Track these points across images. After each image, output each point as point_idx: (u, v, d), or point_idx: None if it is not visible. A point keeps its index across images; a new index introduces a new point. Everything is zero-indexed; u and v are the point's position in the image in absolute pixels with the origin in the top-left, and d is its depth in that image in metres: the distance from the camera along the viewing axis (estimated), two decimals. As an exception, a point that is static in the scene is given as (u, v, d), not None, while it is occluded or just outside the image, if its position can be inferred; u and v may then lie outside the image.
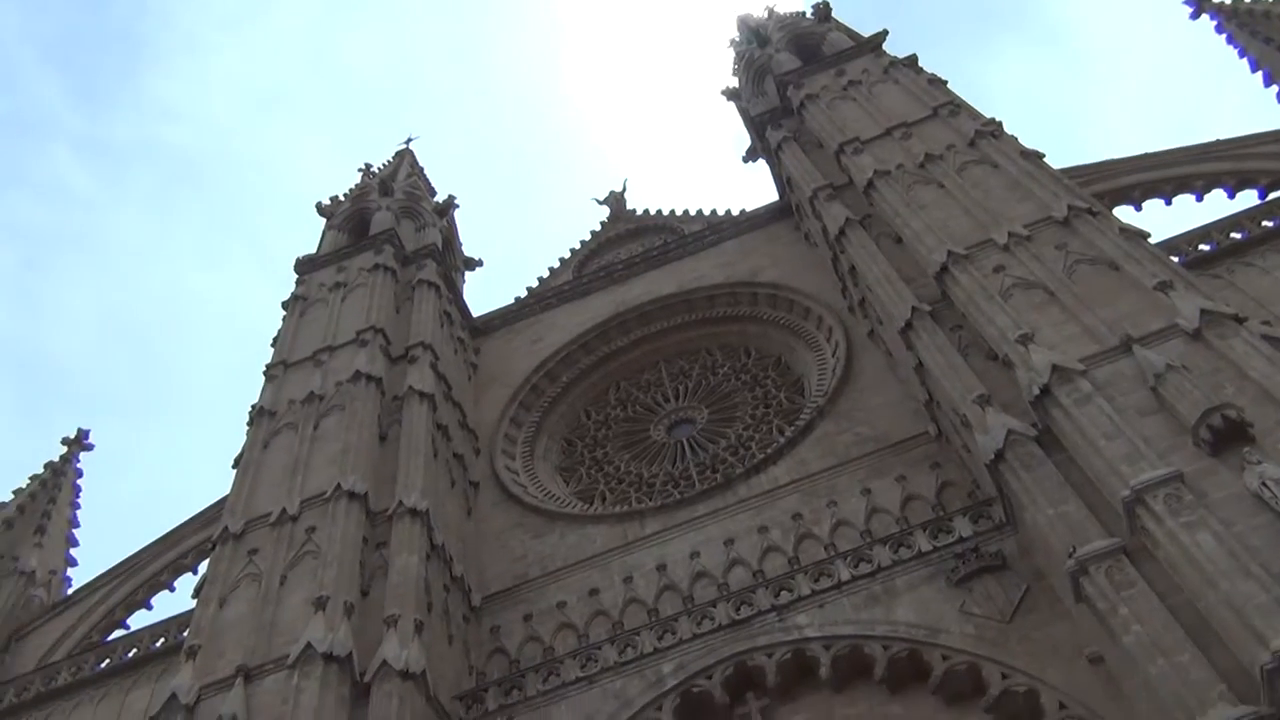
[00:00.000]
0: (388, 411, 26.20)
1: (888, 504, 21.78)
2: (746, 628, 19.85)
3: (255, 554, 21.94)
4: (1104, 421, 16.79)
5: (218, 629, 20.44)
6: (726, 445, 27.15)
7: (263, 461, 25.00)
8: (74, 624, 27.56)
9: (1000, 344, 19.68)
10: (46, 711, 24.35)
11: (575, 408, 30.92)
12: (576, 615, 22.33)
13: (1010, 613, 18.07)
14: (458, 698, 20.73)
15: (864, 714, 18.14)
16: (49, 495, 32.68)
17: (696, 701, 19.16)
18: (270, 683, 18.65)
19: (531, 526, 25.59)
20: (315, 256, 34.13)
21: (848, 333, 27.16)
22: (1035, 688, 16.77)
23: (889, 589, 19.48)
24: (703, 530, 23.17)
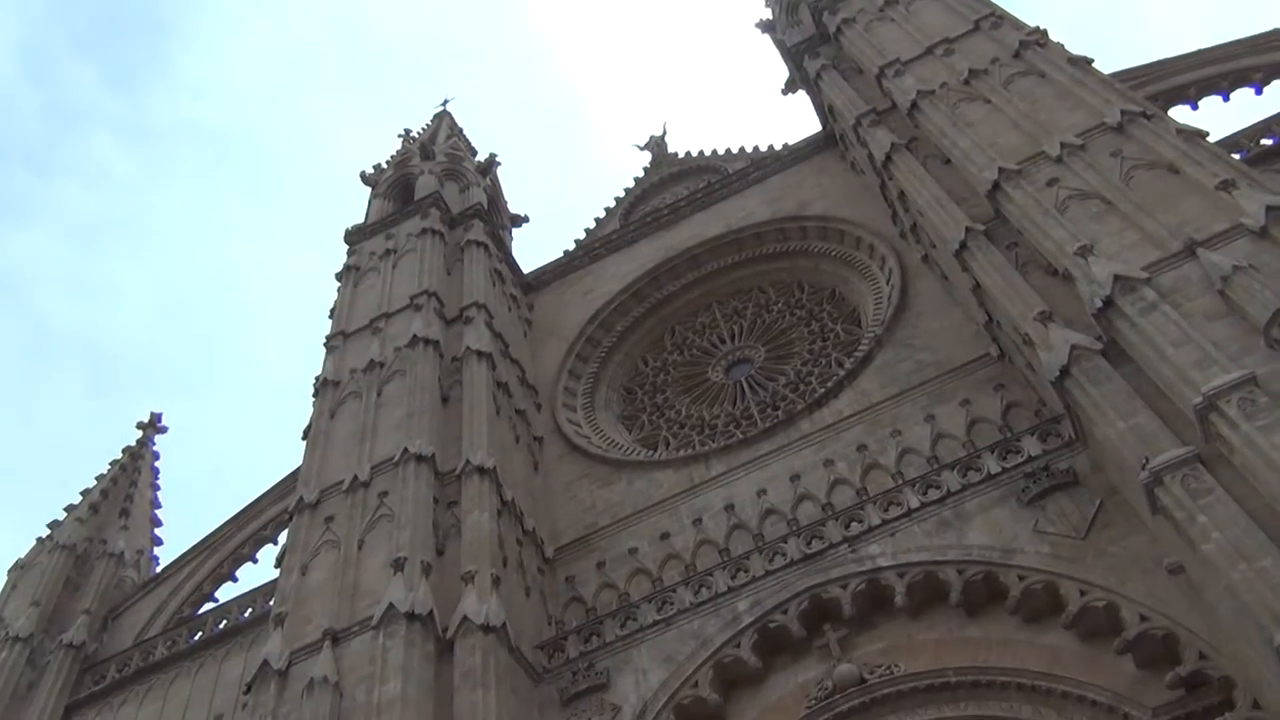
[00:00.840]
0: (447, 373, 26.49)
1: (953, 429, 21.61)
2: (819, 561, 19.93)
3: (332, 521, 22.44)
4: (1171, 329, 16.44)
5: (302, 596, 21.00)
6: (786, 382, 27.07)
7: (331, 431, 25.46)
8: (165, 600, 28.48)
9: (1059, 258, 19.29)
10: (148, 685, 25.28)
11: (632, 356, 30.99)
12: (649, 560, 22.57)
13: (1085, 529, 17.92)
14: (539, 647, 21.13)
15: (942, 638, 18.18)
16: (129, 479, 33.66)
17: (774, 636, 19.34)
18: (357, 644, 19.16)
19: (598, 476, 25.82)
20: (364, 226, 34.40)
21: (901, 259, 26.82)
22: (1115, 601, 16.66)
23: (960, 513, 19.41)
24: (768, 468, 23.21)
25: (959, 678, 17.40)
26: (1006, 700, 16.93)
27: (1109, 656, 16.37)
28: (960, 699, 17.31)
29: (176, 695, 24.55)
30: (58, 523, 31.22)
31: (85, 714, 25.36)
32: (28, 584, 28.88)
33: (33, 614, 27.32)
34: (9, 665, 25.93)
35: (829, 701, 17.93)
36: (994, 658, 17.44)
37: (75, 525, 30.56)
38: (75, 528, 30.42)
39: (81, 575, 29.43)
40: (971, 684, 17.29)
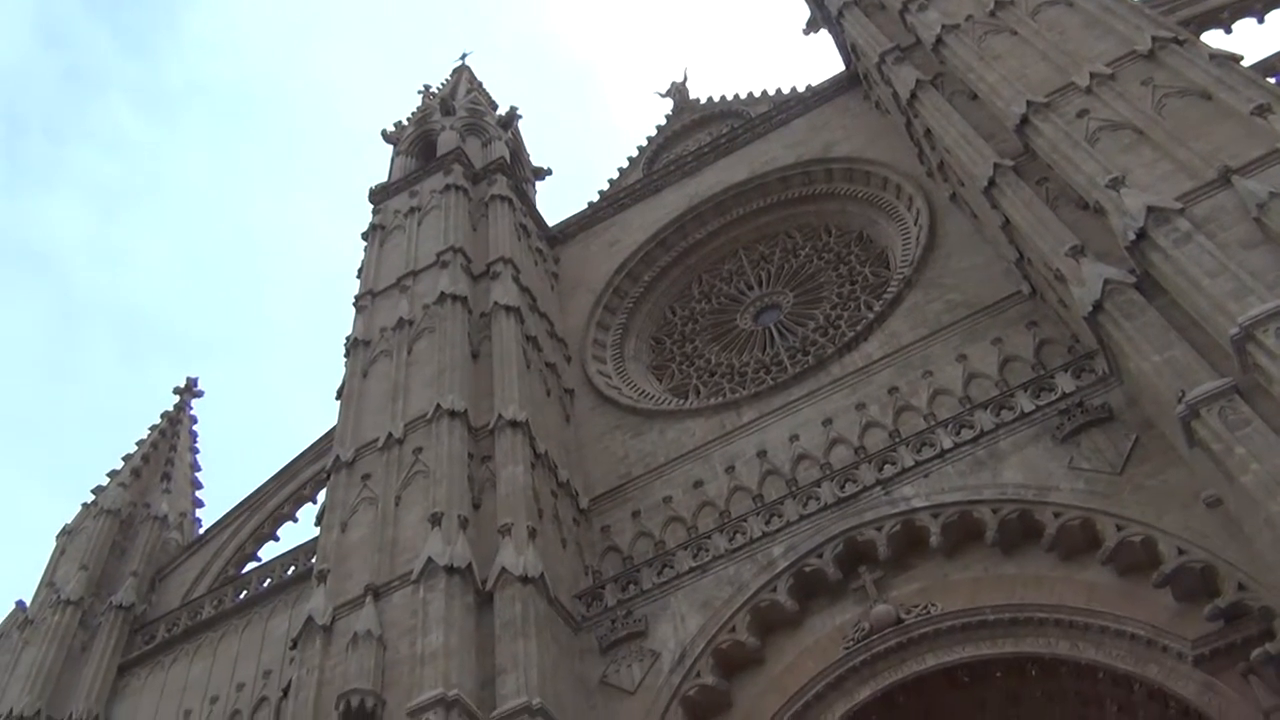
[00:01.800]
0: (476, 329, 26.58)
1: (985, 368, 21.47)
2: (853, 504, 19.97)
3: (368, 479, 22.70)
4: (1206, 259, 16.17)
5: (343, 553, 21.33)
6: (815, 326, 26.95)
7: (363, 390, 25.68)
8: (209, 560, 29.03)
9: (1090, 191, 18.97)
10: (197, 643, 25.86)
11: (660, 306, 30.94)
12: (683, 508, 22.70)
13: (1121, 464, 17.82)
14: (577, 597, 21.38)
15: (978, 576, 18.22)
16: (169, 443, 34.18)
17: (809, 580, 19.46)
18: (398, 598, 19.48)
19: (630, 426, 25.92)
20: (387, 184, 34.38)
21: (929, 199, 26.49)
22: (1152, 536, 16.60)
23: (994, 452, 19.34)
24: (799, 413, 23.20)
25: (996, 616, 17.46)
26: (1044, 636, 16.98)
27: (1147, 590, 16.34)
28: (997, 636, 17.38)
29: (225, 652, 25.11)
30: (101, 488, 31.81)
31: (138, 673, 26.00)
32: (75, 549, 29.52)
33: (82, 578, 27.95)
34: (62, 627, 26.59)
35: (866, 642, 18.06)
36: (1031, 595, 17.47)
37: (119, 490, 31.13)
38: (119, 493, 30.98)
39: (127, 539, 30.03)
40: (1009, 621, 17.34)
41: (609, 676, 19.75)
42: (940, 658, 17.64)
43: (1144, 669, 15.96)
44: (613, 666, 19.91)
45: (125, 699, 25.42)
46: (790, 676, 18.51)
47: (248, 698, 23.51)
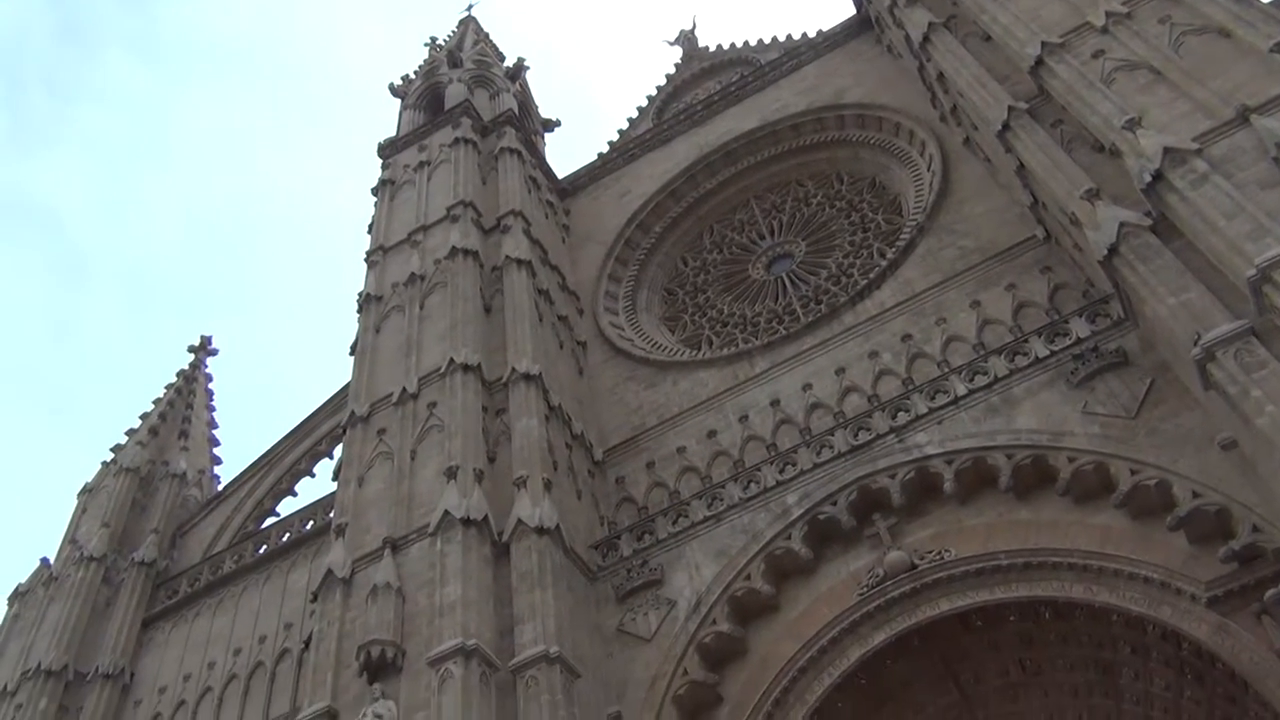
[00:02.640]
0: (488, 283, 26.55)
1: (999, 314, 21.37)
2: (867, 452, 20.01)
3: (384, 434, 22.82)
4: (1223, 200, 15.98)
5: (360, 507, 21.51)
6: (828, 275, 26.82)
7: (377, 346, 25.73)
8: (229, 516, 29.34)
9: (1106, 133, 18.73)
10: (218, 597, 26.23)
11: (671, 257, 30.82)
12: (697, 458, 22.78)
13: (1136, 408, 17.78)
14: (593, 547, 21.55)
15: (992, 522, 18.28)
16: (185, 401, 34.42)
17: (824, 527, 19.56)
18: (416, 550, 19.66)
19: (643, 378, 25.95)
20: (395, 139, 34.18)
21: (942, 144, 26.20)
22: (1166, 479, 16.59)
23: (1007, 398, 19.31)
24: (812, 362, 23.17)
25: (1010, 560, 17.54)
26: (1058, 580, 17.05)
27: (1161, 534, 16.37)
28: (1011, 581, 17.46)
29: (247, 606, 25.47)
30: (120, 447, 32.12)
31: (162, 627, 26.41)
32: (97, 507, 29.87)
33: (104, 535, 28.30)
34: (86, 583, 26.98)
35: (880, 588, 18.19)
36: (1044, 539, 17.53)
37: (137, 449, 31.41)
38: (137, 451, 31.27)
39: (147, 496, 30.36)
40: (1023, 566, 17.42)
41: (626, 624, 19.97)
42: (954, 602, 17.75)
43: (1157, 611, 16.03)
44: (629, 615, 20.11)
45: (150, 652, 25.86)
46: (805, 623, 18.67)
47: (270, 649, 23.87)
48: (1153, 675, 16.82)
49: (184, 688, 24.32)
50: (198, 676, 24.38)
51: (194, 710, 23.66)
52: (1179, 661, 16.34)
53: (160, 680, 24.91)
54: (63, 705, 24.45)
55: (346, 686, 18.06)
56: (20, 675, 25.10)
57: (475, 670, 16.88)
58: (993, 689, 18.15)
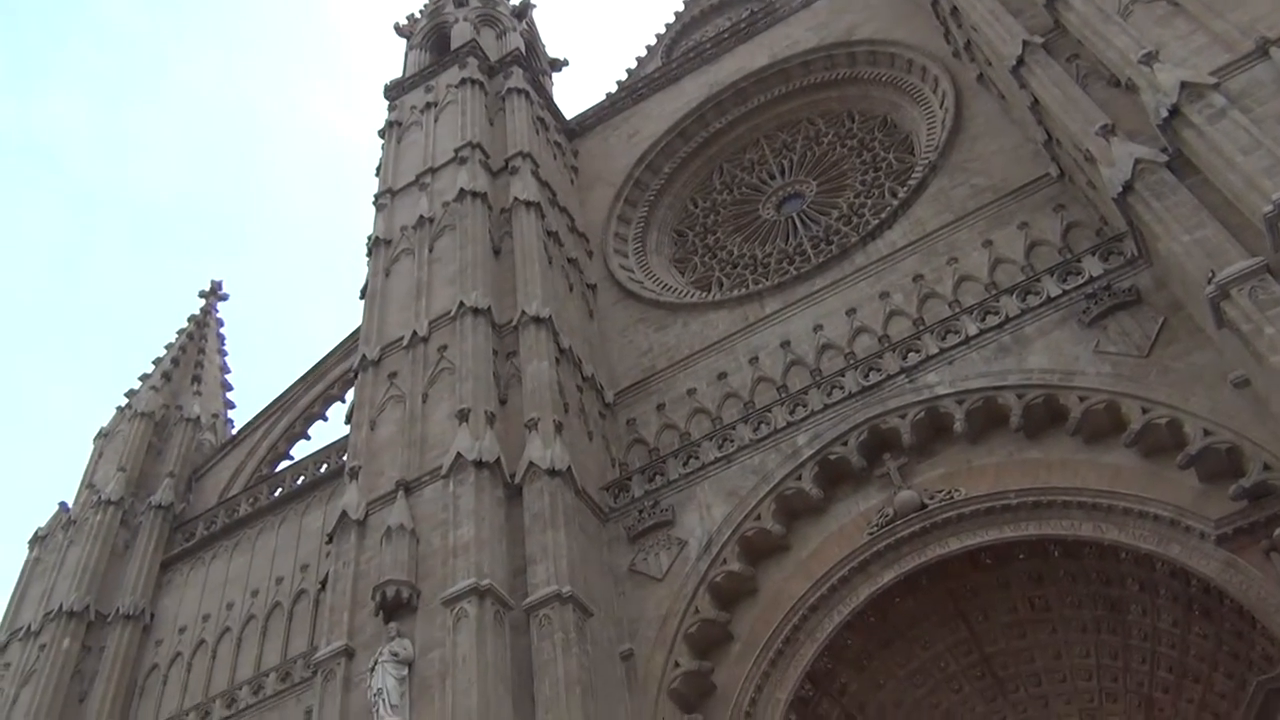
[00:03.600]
0: (497, 225, 26.44)
1: (1011, 253, 21.21)
2: (877, 392, 20.02)
3: (395, 377, 22.91)
4: (1241, 135, 15.73)
5: (373, 450, 21.66)
6: (839, 215, 26.63)
7: (386, 289, 25.72)
8: (243, 460, 29.61)
9: (1122, 67, 18.43)
10: (235, 540, 26.57)
11: (681, 198, 30.61)
12: (708, 400, 22.83)
13: (1148, 347, 17.70)
14: (604, 489, 21.71)
15: (1002, 461, 18.32)
16: (197, 346, 34.59)
17: (834, 467, 19.64)
18: (429, 493, 19.83)
19: (653, 320, 25.92)
20: (401, 80, 33.82)
21: (955, 80, 25.81)
22: (1178, 418, 16.57)
23: (1019, 338, 19.25)
24: (823, 303, 23.09)
25: (1020, 499, 17.61)
26: (1068, 519, 17.14)
27: (1171, 472, 16.40)
28: (1021, 519, 17.56)
29: (263, 548, 25.81)
30: (134, 391, 32.35)
31: (180, 569, 26.80)
32: (113, 451, 30.17)
33: (120, 479, 28.61)
34: (104, 526, 27.35)
35: (890, 528, 18.31)
36: (1055, 478, 17.58)
37: (151, 393, 31.62)
38: (151, 396, 31.48)
39: (162, 440, 30.64)
40: (1032, 504, 17.50)
41: (637, 564, 20.18)
42: (964, 541, 17.87)
43: (1166, 548, 16.11)
44: (641, 555, 20.31)
45: (169, 593, 26.28)
46: (815, 562, 18.83)
47: (287, 590, 24.24)
48: (1160, 611, 16.95)
49: (203, 628, 24.76)
50: (217, 617, 24.80)
51: (214, 649, 24.11)
52: (1187, 598, 16.46)
53: (180, 620, 25.35)
54: (85, 645, 24.94)
55: (363, 626, 18.34)
56: (43, 616, 25.57)
57: (489, 609, 17.12)
58: (1001, 626, 18.34)
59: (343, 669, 17.76)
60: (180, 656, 24.48)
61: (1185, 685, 16.91)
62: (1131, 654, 17.47)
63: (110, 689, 23.89)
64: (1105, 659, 17.73)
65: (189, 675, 23.95)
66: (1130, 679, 17.49)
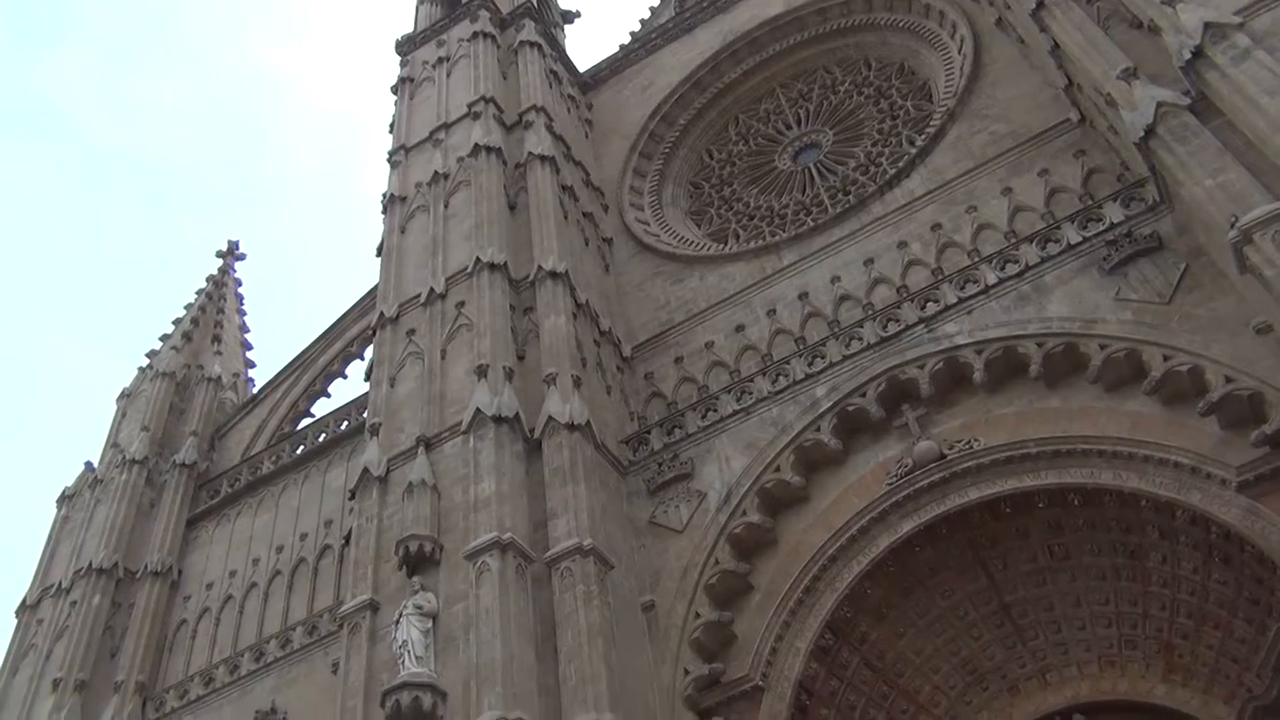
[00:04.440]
0: (512, 180, 26.32)
1: (1031, 201, 21.00)
2: (895, 343, 19.96)
3: (413, 334, 22.98)
4: (1265, 76, 15.47)
5: (393, 406, 21.80)
6: (856, 165, 26.38)
7: (403, 247, 25.72)
8: (265, 418, 29.84)
9: (1144, 9, 18.10)
10: (259, 497, 26.87)
11: (696, 150, 30.37)
12: (725, 352, 22.82)
13: (1169, 294, 17.57)
14: (623, 442, 21.80)
15: (1022, 410, 18.28)
16: (216, 306, 34.74)
17: (853, 419, 19.65)
18: (449, 448, 19.97)
19: (669, 273, 25.85)
20: (413, 35, 33.49)
21: (973, 25, 25.40)
22: (1199, 365, 16.47)
23: (1039, 287, 19.12)
24: (841, 254, 22.96)
25: (1039, 448, 17.59)
26: (1087, 467, 17.12)
27: (1192, 420, 16.34)
28: (1040, 468, 17.56)
29: (287, 504, 26.09)
30: (155, 352, 32.58)
31: (205, 526, 27.15)
32: (136, 411, 30.47)
33: (144, 438, 28.92)
34: (130, 485, 27.70)
35: (909, 478, 18.34)
36: (1074, 427, 17.54)
37: (171, 353, 31.83)
38: (172, 356, 31.70)
39: (184, 400, 30.89)
40: (1052, 453, 17.48)
41: (657, 517, 20.31)
42: (983, 490, 17.90)
43: (1186, 496, 16.10)
44: (661, 507, 20.43)
45: (195, 550, 26.65)
46: (835, 513, 18.91)
47: (311, 546, 24.54)
48: (1180, 559, 16.97)
49: (230, 583, 25.13)
50: (243, 572, 25.16)
51: (241, 604, 24.48)
52: (1207, 545, 16.46)
53: (207, 576, 25.73)
54: (115, 601, 25.37)
55: (387, 580, 18.57)
56: (73, 573, 26.01)
57: (511, 563, 17.30)
58: (1020, 574, 18.40)
59: (368, 622, 18.01)
60: (208, 612, 24.87)
61: (1205, 631, 16.96)
62: (1151, 601, 17.51)
63: (141, 643, 24.33)
64: (1125, 606, 17.79)
65: (217, 630, 24.36)
66: (1149, 625, 17.55)
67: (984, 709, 18.34)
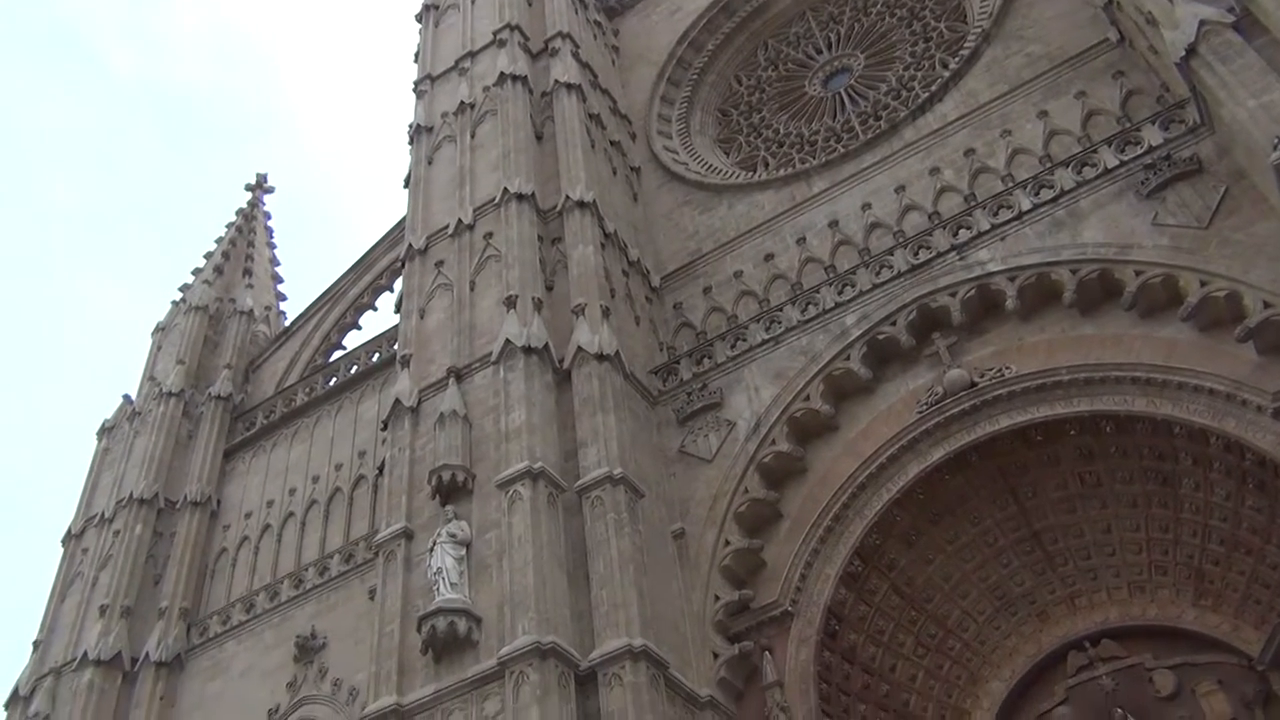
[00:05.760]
0: (538, 109, 26.06)
1: (1067, 124, 20.57)
2: (927, 271, 19.78)
3: (442, 265, 22.99)
4: (1314, -9, 14.97)
5: (423, 338, 21.91)
6: (888, 89, 25.88)
7: (430, 178, 25.61)
8: (297, 351, 30.13)
9: (1188, -78, 17.47)
10: (293, 428, 27.26)
11: (725, 76, 29.89)
12: (755, 282, 22.70)
13: (1208, 218, 17.25)
14: (653, 372, 21.85)
15: (1054, 338, 18.13)
16: (246, 239, 34.92)
17: (883, 347, 19.58)
18: (480, 379, 20.10)
19: (698, 202, 25.65)
20: (437, -39, 32.99)
21: (1010, -58, 24.64)
22: (1237, 290, 16.24)
23: (1074, 212, 18.83)
24: (871, 181, 22.66)
25: (1071, 376, 17.49)
26: (1120, 394, 17.01)
27: (1229, 346, 16.16)
28: (1072, 396, 17.47)
29: (321, 435, 26.47)
30: (188, 286, 32.86)
31: (242, 457, 27.62)
32: (171, 344, 30.86)
33: (180, 371, 29.33)
34: (168, 418, 28.19)
35: (939, 406, 18.32)
36: (1108, 354, 17.41)
37: (204, 287, 32.11)
38: (204, 290, 31.97)
39: (218, 333, 31.24)
40: (1084, 381, 17.38)
41: (687, 446, 20.43)
42: (1014, 418, 17.86)
43: (1221, 422, 15.98)
44: (690, 437, 20.54)
45: (233, 481, 27.16)
46: (864, 441, 18.94)
47: (346, 476, 24.94)
48: (1213, 486, 16.90)
49: (268, 513, 25.64)
50: (280, 502, 25.64)
51: (279, 533, 25.02)
52: (1241, 472, 16.37)
53: (245, 506, 26.26)
54: (156, 531, 26.01)
55: (420, 509, 18.85)
56: (115, 503, 26.63)
57: (543, 491, 17.49)
58: (1050, 501, 18.40)
59: (403, 550, 18.33)
60: (247, 540, 25.43)
61: (1236, 558, 16.93)
62: (1182, 528, 17.48)
63: (183, 571, 24.97)
64: (1155, 533, 17.77)
65: (256, 558, 24.92)
66: (1180, 552, 17.54)
67: (1012, 634, 18.49)
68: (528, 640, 15.47)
